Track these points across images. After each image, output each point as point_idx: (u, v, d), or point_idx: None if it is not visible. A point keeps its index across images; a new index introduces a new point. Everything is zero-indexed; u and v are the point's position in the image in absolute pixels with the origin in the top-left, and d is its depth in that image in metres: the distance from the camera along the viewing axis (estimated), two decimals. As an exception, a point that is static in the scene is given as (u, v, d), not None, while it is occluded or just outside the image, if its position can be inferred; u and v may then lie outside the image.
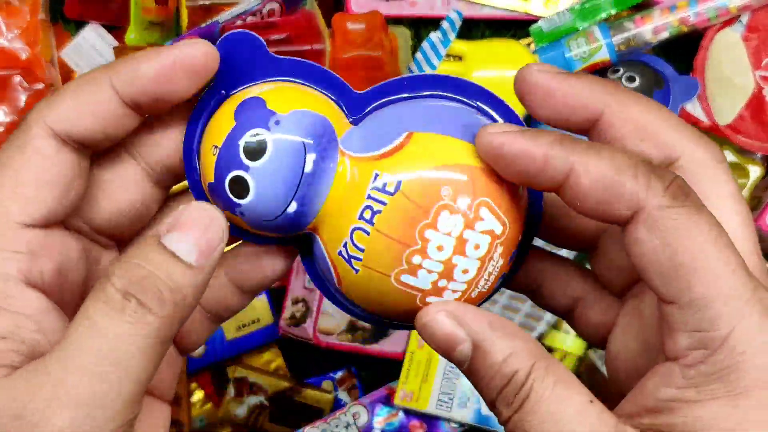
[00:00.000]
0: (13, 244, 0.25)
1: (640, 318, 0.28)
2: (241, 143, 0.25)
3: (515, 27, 0.67)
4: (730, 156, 0.65)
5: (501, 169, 0.26)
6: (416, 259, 0.25)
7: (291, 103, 0.26)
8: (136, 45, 0.64)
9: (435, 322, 0.26)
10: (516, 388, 0.24)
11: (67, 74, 0.67)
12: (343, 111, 0.28)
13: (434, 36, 0.64)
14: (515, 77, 0.29)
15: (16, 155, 0.25)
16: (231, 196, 0.26)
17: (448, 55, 0.64)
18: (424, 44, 0.64)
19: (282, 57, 0.28)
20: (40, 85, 0.63)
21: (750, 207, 0.64)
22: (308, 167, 0.25)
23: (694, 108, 0.63)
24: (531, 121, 0.66)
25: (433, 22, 0.66)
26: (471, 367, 0.25)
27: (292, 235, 0.27)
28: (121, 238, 0.29)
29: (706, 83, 0.63)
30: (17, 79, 0.63)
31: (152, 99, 0.26)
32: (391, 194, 0.25)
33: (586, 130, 0.27)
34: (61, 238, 0.26)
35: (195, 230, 0.25)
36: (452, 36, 0.64)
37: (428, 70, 0.64)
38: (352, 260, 0.26)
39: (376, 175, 0.25)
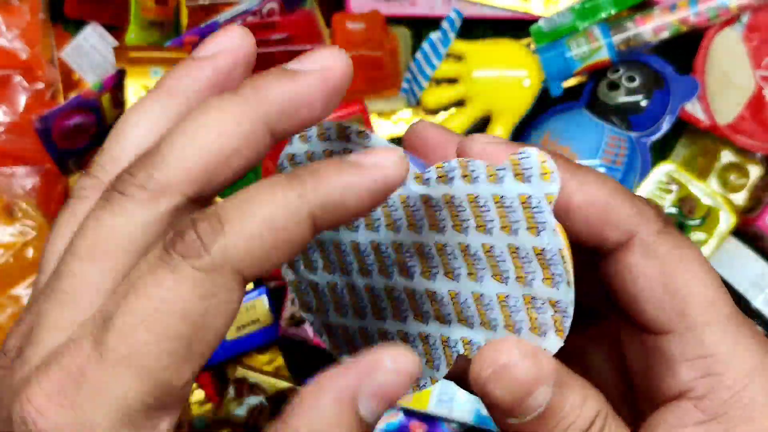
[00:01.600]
0: (179, 401, 0.22)
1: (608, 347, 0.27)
2: None
3: (515, 27, 0.67)
4: (730, 156, 0.65)
5: None
6: None
7: None
8: (136, 45, 0.64)
9: (515, 366, 0.22)
10: (598, 430, 0.23)
11: (67, 74, 0.67)
12: None
13: (434, 36, 0.64)
14: (460, 144, 0.25)
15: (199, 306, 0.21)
16: None
17: (448, 55, 0.64)
18: (424, 44, 0.64)
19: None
20: (40, 85, 0.63)
21: (750, 207, 0.64)
22: None
23: (694, 108, 0.63)
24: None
25: (433, 22, 0.66)
26: (545, 412, 0.22)
27: None
28: None
29: (706, 83, 0.63)
30: (17, 79, 0.63)
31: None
32: None
33: None
34: None
35: (394, 400, 0.22)
36: (452, 36, 0.64)
37: (428, 70, 0.64)
38: None
39: None
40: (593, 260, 0.25)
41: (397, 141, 0.67)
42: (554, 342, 0.23)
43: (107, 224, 0.22)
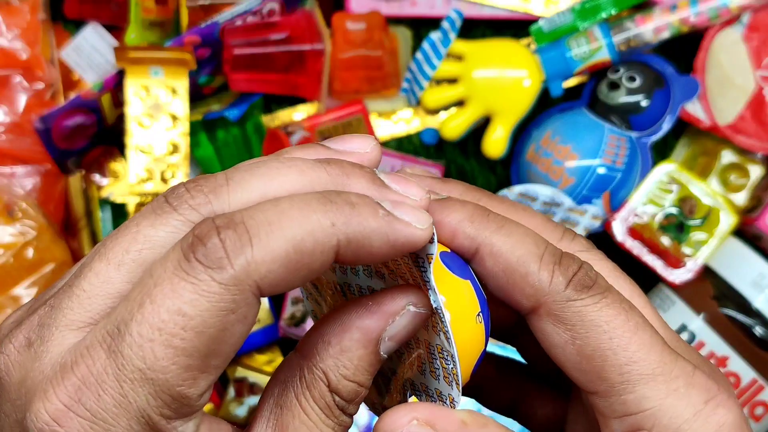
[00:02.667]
0: (198, 407, 0.22)
1: (585, 409, 0.27)
2: None
3: (515, 27, 0.67)
4: (731, 156, 0.65)
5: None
6: None
7: None
8: (136, 45, 0.64)
9: None
10: None
11: (67, 74, 0.67)
12: None
13: (434, 36, 0.64)
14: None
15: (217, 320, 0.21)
16: None
17: (448, 55, 0.64)
18: (424, 44, 0.64)
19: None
20: (40, 85, 0.63)
21: (750, 207, 0.64)
22: None
23: (694, 108, 0.63)
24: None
25: (433, 22, 0.66)
26: None
27: None
28: None
29: (706, 83, 0.63)
30: (17, 79, 0.63)
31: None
32: None
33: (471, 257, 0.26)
34: None
35: (406, 338, 0.24)
36: (452, 36, 0.64)
37: (428, 70, 0.64)
38: None
39: None
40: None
41: (398, 141, 0.67)
42: (456, 391, 0.24)
43: (146, 234, 0.22)
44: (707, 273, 0.61)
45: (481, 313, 0.25)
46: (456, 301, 0.24)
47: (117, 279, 0.22)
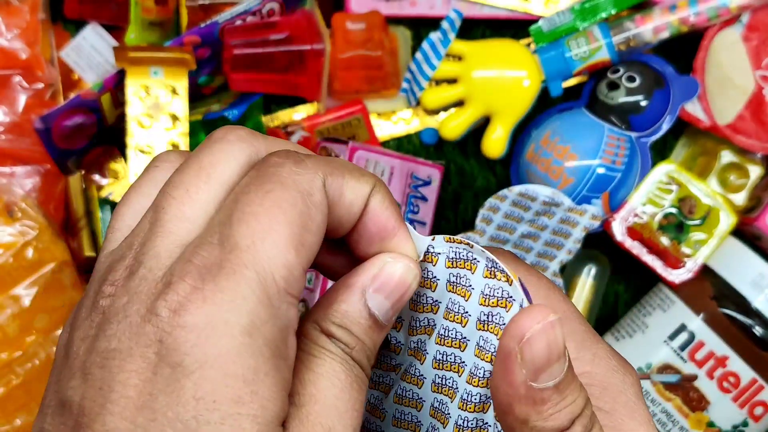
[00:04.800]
0: (298, 291, 0.25)
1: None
2: None
3: (515, 27, 0.67)
4: (731, 156, 0.65)
5: None
6: None
7: None
8: (136, 45, 0.64)
9: (549, 329, 0.25)
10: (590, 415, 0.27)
11: (67, 74, 0.67)
12: None
13: (434, 36, 0.64)
14: None
15: (302, 200, 0.25)
16: None
17: (448, 55, 0.64)
18: (424, 44, 0.64)
19: None
20: (40, 85, 0.63)
21: (749, 207, 0.64)
22: None
23: (694, 108, 0.63)
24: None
25: (433, 22, 0.66)
26: (560, 383, 0.25)
27: None
28: None
29: (706, 83, 0.63)
30: (17, 79, 0.63)
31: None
32: None
33: None
34: None
35: (397, 293, 0.26)
36: (452, 36, 0.64)
37: (428, 70, 0.64)
38: None
39: None
40: None
41: (397, 141, 0.67)
42: None
43: (215, 149, 0.26)
44: (707, 273, 0.61)
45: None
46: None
47: (203, 198, 0.25)
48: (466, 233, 0.62)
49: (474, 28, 0.68)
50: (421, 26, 0.67)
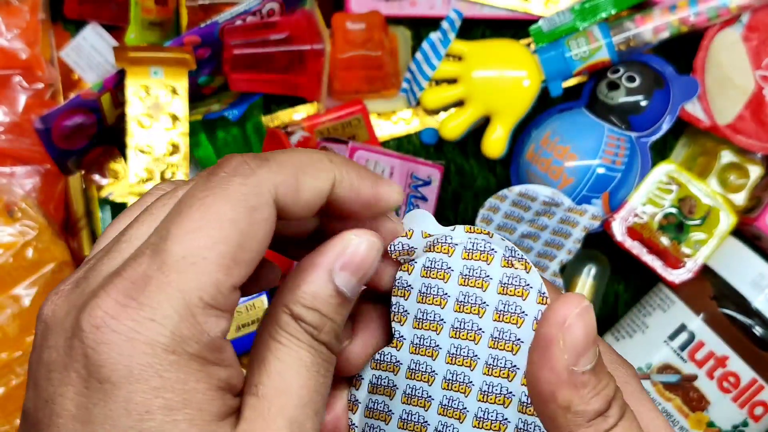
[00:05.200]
0: (228, 306, 0.25)
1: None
2: None
3: (515, 27, 0.67)
4: (730, 156, 0.65)
5: None
6: None
7: None
8: (136, 45, 0.64)
9: (586, 314, 0.25)
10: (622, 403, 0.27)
11: (67, 74, 0.67)
12: None
13: (434, 36, 0.64)
14: None
15: (245, 216, 0.24)
16: None
17: (448, 55, 0.64)
18: (424, 44, 0.64)
19: None
20: (39, 85, 0.63)
21: (749, 207, 0.64)
22: None
23: (694, 108, 0.63)
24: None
25: (433, 22, 0.66)
26: (596, 367, 0.25)
27: None
28: None
29: (706, 83, 0.63)
30: (17, 79, 0.63)
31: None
32: None
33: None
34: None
35: (362, 269, 0.27)
36: (452, 36, 0.64)
37: (428, 70, 0.64)
38: None
39: None
40: None
41: (397, 141, 0.67)
42: None
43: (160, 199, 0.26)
44: (706, 273, 0.61)
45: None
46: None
47: (160, 217, 0.25)
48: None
49: (474, 28, 0.68)
50: (421, 26, 0.67)
